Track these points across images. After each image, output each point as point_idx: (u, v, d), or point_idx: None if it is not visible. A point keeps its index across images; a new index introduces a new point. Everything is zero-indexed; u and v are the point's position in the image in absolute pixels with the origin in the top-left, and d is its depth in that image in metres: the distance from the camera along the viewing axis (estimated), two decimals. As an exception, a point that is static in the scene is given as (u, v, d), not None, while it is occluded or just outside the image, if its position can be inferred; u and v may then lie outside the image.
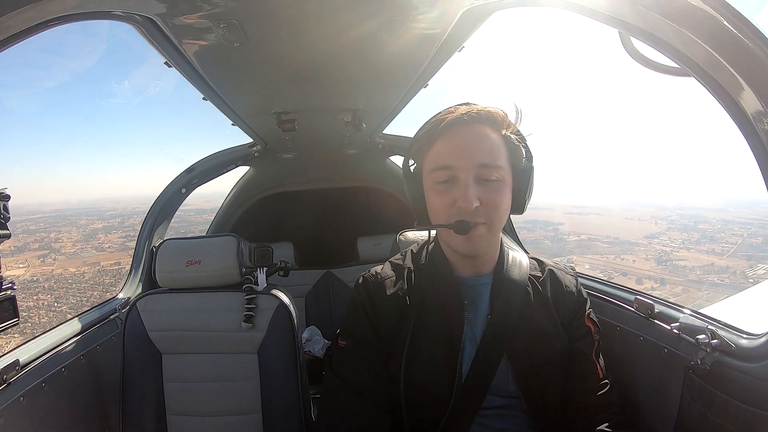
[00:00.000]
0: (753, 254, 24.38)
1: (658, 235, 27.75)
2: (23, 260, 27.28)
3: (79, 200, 63.05)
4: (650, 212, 30.39)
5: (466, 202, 1.15)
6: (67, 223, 33.29)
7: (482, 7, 1.38)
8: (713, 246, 25.88)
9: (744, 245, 25.06)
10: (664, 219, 28.88)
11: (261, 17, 1.35)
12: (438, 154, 1.21)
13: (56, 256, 28.97)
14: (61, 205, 45.82)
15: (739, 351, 1.19)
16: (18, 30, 0.99)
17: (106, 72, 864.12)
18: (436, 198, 1.22)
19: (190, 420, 1.91)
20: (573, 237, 27.58)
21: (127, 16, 1.28)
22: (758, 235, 25.19)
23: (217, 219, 4.02)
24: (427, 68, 1.88)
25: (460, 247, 1.23)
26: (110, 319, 2.22)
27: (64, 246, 30.30)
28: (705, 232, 27.02)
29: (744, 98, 0.97)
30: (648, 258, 26.14)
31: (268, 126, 2.62)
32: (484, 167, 1.17)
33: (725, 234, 26.56)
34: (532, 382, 1.27)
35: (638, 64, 1.18)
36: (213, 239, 2.05)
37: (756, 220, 26.43)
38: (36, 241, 30.07)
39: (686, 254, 25.85)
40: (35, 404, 1.62)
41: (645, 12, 0.97)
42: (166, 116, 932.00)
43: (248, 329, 1.88)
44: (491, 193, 1.18)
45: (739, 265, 23.82)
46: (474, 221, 1.18)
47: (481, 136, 1.19)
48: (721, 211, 29.73)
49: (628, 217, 30.99)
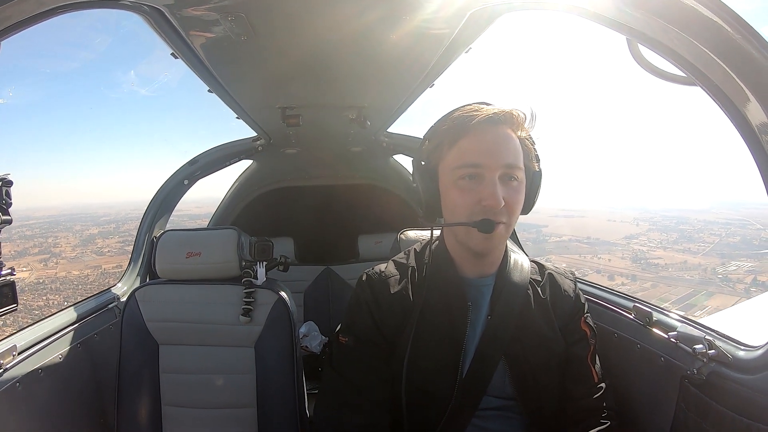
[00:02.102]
0: (728, 252, 25.18)
1: (638, 236, 28.46)
2: (25, 264, 27.74)
3: (72, 205, 63.45)
4: (634, 215, 31.08)
5: (494, 201, 1.16)
6: (63, 229, 34.03)
7: (490, 9, 1.38)
8: (690, 245, 26.65)
9: (720, 244, 25.91)
10: (647, 221, 29.55)
11: (269, 11, 1.35)
12: (464, 152, 1.21)
13: (58, 260, 29.42)
14: (54, 210, 46.72)
15: (736, 362, 1.19)
16: (28, 15, 0.99)
17: (111, 62, 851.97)
18: (459, 195, 1.22)
19: (184, 411, 1.91)
20: (554, 238, 28.13)
21: (136, 6, 1.28)
22: (736, 235, 25.94)
23: (219, 212, 4.02)
24: (434, 68, 1.88)
25: (478, 245, 1.23)
26: (108, 308, 2.23)
27: (64, 250, 30.79)
28: (684, 233, 27.80)
29: (750, 110, 0.97)
30: (624, 257, 26.92)
31: (273, 120, 2.61)
32: (509, 168, 1.19)
33: (704, 234, 27.23)
34: (529, 384, 1.27)
35: (644, 71, 1.18)
36: (214, 232, 2.05)
37: (737, 220, 27.16)
38: (35, 246, 30.58)
39: (662, 253, 26.55)
40: (31, 390, 1.63)
41: (653, 19, 0.97)
42: (172, 108, 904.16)
43: (246, 323, 1.88)
44: (513, 193, 1.20)
45: (712, 263, 24.56)
46: (497, 220, 1.19)
47: (507, 137, 1.22)
48: (705, 212, 30.39)
49: (611, 219, 31.47)
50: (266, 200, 4.18)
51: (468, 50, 1.72)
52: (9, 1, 0.89)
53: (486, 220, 1.17)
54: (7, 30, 0.97)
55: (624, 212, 32.56)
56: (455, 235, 1.30)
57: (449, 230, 1.33)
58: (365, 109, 2.51)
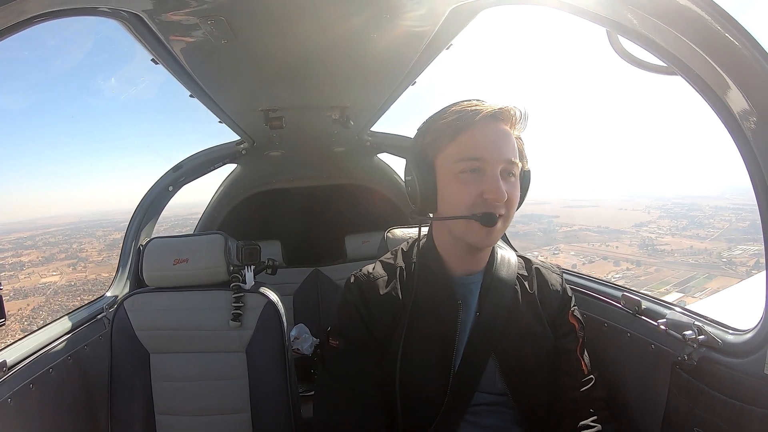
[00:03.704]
0: (736, 237, 25.30)
1: (648, 224, 28.64)
2: (54, 268, 27.78)
3: (92, 212, 63.46)
4: (646, 203, 31.24)
5: (498, 194, 1.17)
6: (85, 234, 34.42)
7: (470, 5, 1.38)
8: (699, 231, 26.78)
9: (730, 229, 25.97)
10: (658, 208, 29.68)
11: (248, 14, 1.34)
12: (467, 145, 1.21)
13: (86, 264, 29.39)
14: (73, 218, 47.10)
15: (726, 347, 1.21)
16: (6, 25, 0.98)
17: (91, 69, 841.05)
18: (459, 188, 1.21)
19: (178, 419, 1.90)
20: (565, 228, 28.40)
21: (114, 12, 1.27)
22: (746, 220, 25.95)
23: (204, 217, 3.99)
24: (415, 66, 1.88)
25: (478, 239, 1.23)
26: (97, 318, 2.20)
27: (90, 255, 30.88)
28: (694, 219, 27.89)
29: (730, 97, 0.98)
30: (632, 244, 27.25)
31: (256, 123, 2.60)
32: (508, 163, 1.21)
33: (714, 220, 27.34)
34: (520, 380, 1.28)
35: (625, 62, 1.19)
36: (200, 237, 2.03)
37: (749, 205, 26.92)
38: (61, 251, 30.67)
39: (670, 240, 26.82)
40: (22, 406, 1.60)
41: (633, 11, 0.97)
42: (153, 114, 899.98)
43: (236, 328, 1.87)
44: (512, 188, 1.22)
45: (718, 248, 24.79)
46: (498, 213, 1.20)
47: (507, 134, 1.24)
48: (718, 198, 30.55)
49: (623, 208, 31.68)
50: (252, 203, 4.15)
51: (449, 47, 1.72)
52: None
53: (488, 213, 1.18)
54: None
55: (637, 201, 32.86)
56: (451, 230, 1.29)
57: (442, 225, 1.32)
58: (348, 109, 2.51)
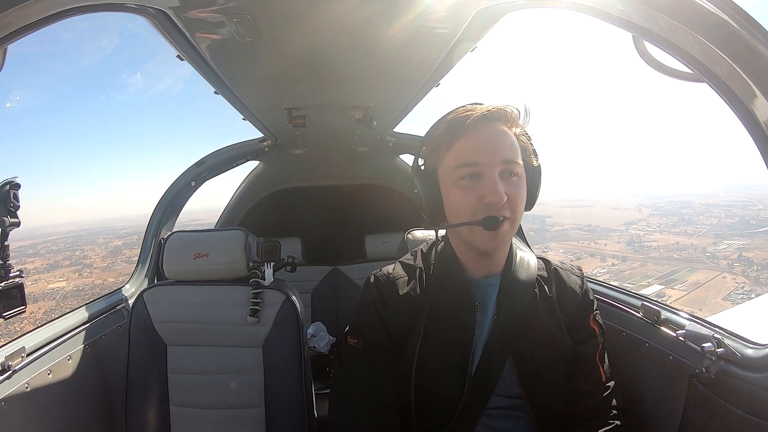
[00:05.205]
0: (723, 233, 25.40)
1: (638, 222, 28.66)
2: (60, 275, 28.50)
3: (90, 220, 64.65)
4: (639, 201, 31.25)
5: (496, 197, 1.16)
6: (87, 242, 35.08)
7: (495, 8, 1.38)
8: (687, 228, 26.78)
9: (718, 225, 26.08)
10: (650, 207, 29.70)
11: (274, 13, 1.36)
12: (461, 152, 1.21)
13: (91, 270, 30.12)
14: (73, 226, 48.13)
15: (745, 360, 1.18)
16: (34, 19, 1.00)
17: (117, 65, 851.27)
18: (459, 194, 1.22)
19: (192, 411, 1.92)
20: (557, 227, 28.44)
21: (141, 9, 1.29)
22: (735, 216, 26.03)
23: (226, 213, 4.03)
24: (439, 67, 1.88)
25: (484, 243, 1.22)
26: (116, 309, 2.24)
27: (94, 261, 31.57)
28: (684, 216, 27.90)
29: (757, 106, 0.96)
30: (620, 242, 27.24)
31: (279, 121, 2.62)
32: (507, 163, 1.20)
33: (703, 216, 27.32)
34: (536, 383, 1.27)
35: (650, 68, 1.18)
36: (221, 233, 2.06)
37: (740, 202, 27.26)
38: (65, 258, 31.42)
39: (658, 236, 26.74)
40: (40, 392, 1.64)
41: (659, 16, 0.96)
42: (178, 109, 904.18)
43: (254, 323, 1.88)
44: (514, 188, 1.20)
45: (704, 243, 24.75)
46: (501, 215, 1.19)
47: (502, 134, 1.22)
48: (712, 196, 30.44)
49: (615, 207, 31.69)
50: (273, 201, 4.18)
51: (473, 49, 1.72)
52: (14, 6, 0.90)
53: (490, 217, 1.17)
54: (13, 34, 0.98)
55: (630, 200, 32.85)
56: (460, 235, 1.30)
57: (454, 231, 1.33)
58: (371, 109, 2.51)
